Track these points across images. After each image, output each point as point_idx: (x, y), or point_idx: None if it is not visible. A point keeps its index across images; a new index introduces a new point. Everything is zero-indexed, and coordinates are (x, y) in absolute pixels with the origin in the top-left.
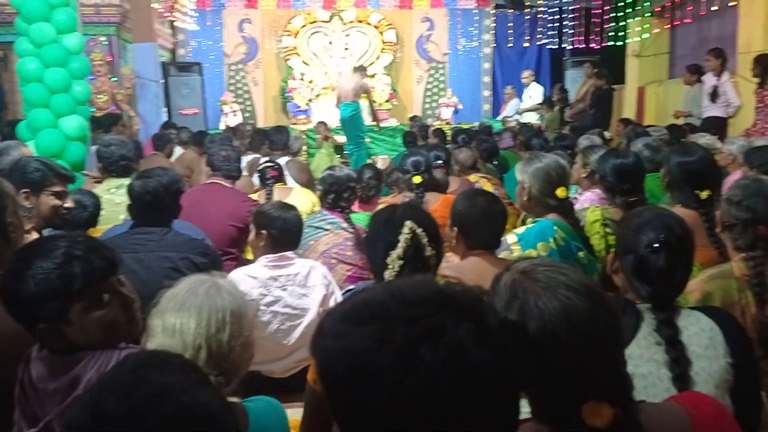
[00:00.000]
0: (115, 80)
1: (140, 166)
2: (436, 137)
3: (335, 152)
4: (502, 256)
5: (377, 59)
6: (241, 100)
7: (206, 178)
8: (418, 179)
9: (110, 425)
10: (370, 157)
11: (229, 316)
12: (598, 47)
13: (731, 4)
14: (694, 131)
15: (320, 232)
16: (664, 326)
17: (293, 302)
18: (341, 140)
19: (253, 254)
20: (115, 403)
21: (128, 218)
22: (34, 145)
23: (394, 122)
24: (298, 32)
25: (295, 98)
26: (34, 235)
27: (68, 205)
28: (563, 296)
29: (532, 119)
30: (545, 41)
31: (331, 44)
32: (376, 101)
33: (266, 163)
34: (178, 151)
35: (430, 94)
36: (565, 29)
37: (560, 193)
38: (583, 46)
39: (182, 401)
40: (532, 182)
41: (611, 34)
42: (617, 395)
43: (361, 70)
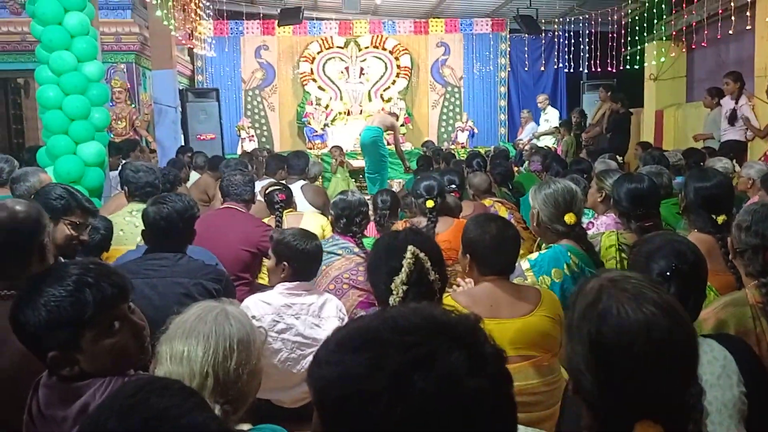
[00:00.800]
0: (134, 106)
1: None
2: (444, 162)
3: (351, 176)
4: (515, 281)
5: (393, 84)
6: (257, 125)
7: (220, 203)
8: (430, 204)
9: None
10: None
11: (236, 344)
12: (614, 71)
13: (747, 27)
14: (712, 155)
15: (332, 256)
16: None
17: (305, 331)
18: (356, 164)
19: (269, 280)
20: (115, 424)
21: (143, 243)
22: (53, 171)
23: (409, 146)
24: (314, 58)
25: (311, 123)
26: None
27: (84, 238)
28: (648, 310)
29: (548, 143)
30: (561, 65)
31: (347, 69)
32: (401, 139)
33: (274, 187)
34: (194, 176)
35: (445, 118)
36: (581, 53)
37: (568, 219)
38: (599, 70)
39: (180, 423)
40: (541, 208)
41: (628, 57)
42: (676, 423)
43: (393, 114)
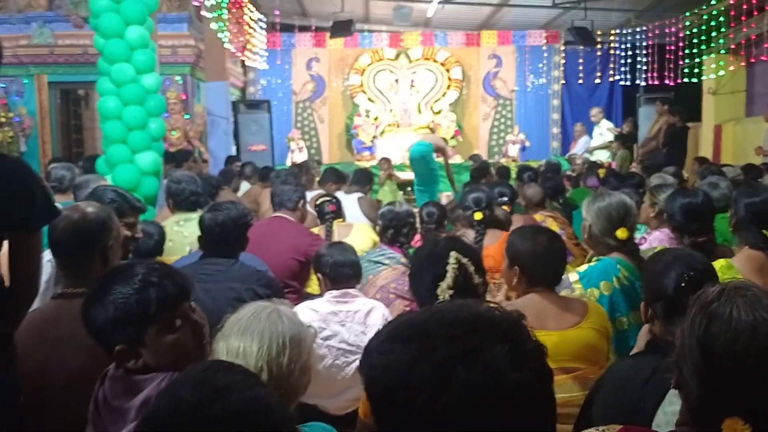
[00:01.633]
0: (188, 117)
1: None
2: (498, 175)
3: (398, 189)
4: (563, 293)
5: (443, 96)
6: (307, 136)
7: (270, 212)
8: (478, 216)
9: (185, 411)
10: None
11: (288, 341)
12: (672, 84)
13: None
14: None
15: (379, 266)
16: None
17: (349, 338)
18: (404, 177)
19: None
20: (189, 393)
21: (194, 250)
22: (111, 178)
23: (458, 159)
24: (364, 70)
25: (359, 135)
26: None
27: (138, 235)
28: (759, 314)
29: (602, 157)
30: (617, 77)
31: (397, 82)
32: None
33: (324, 198)
34: (245, 186)
35: (496, 131)
36: (638, 65)
37: (620, 234)
38: (657, 83)
39: (245, 394)
40: (593, 220)
41: (686, 70)
42: (766, 424)
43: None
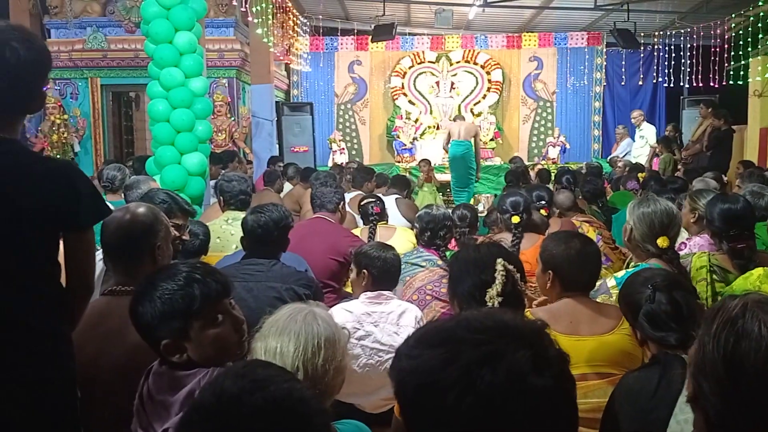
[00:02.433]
0: (233, 119)
1: (252, 200)
2: (538, 178)
3: (438, 191)
4: (600, 299)
5: (483, 98)
6: (348, 138)
7: (311, 212)
8: (516, 219)
9: (227, 400)
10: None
11: (323, 341)
12: (717, 86)
13: None
14: None
15: (416, 268)
16: None
17: (383, 338)
18: (443, 179)
19: (353, 292)
20: (231, 384)
21: (240, 249)
22: (159, 179)
23: (498, 161)
24: (405, 72)
25: (400, 137)
26: None
27: (185, 237)
28: None
29: (643, 160)
30: (660, 79)
31: (437, 84)
32: (482, 141)
33: (369, 199)
34: (287, 187)
35: (536, 132)
36: (682, 67)
37: (661, 242)
38: (701, 84)
39: (283, 387)
40: (635, 225)
41: (731, 72)
42: None
43: (461, 118)
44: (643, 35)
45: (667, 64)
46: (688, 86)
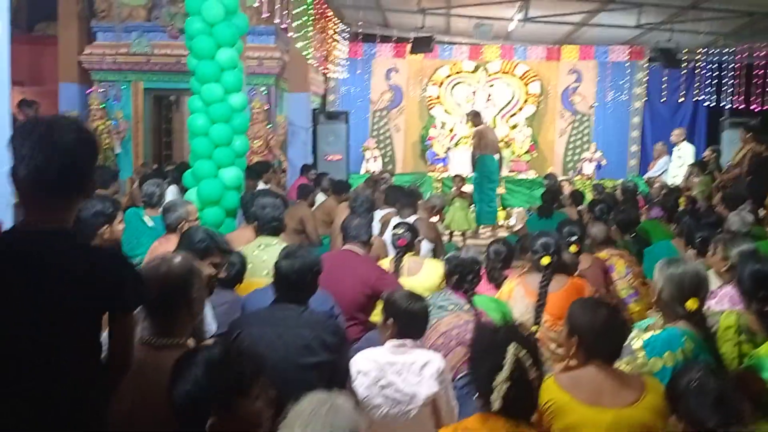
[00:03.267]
0: (270, 127)
1: (285, 215)
2: (572, 200)
3: (468, 206)
4: (625, 360)
5: (519, 110)
6: (382, 146)
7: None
8: (546, 261)
9: None
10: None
11: None
12: (759, 109)
13: None
14: None
15: (443, 312)
16: None
17: (404, 388)
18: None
19: (380, 334)
20: None
21: (269, 275)
22: (196, 191)
23: (532, 174)
24: (442, 82)
25: (434, 146)
26: None
27: (222, 275)
28: None
29: (679, 180)
30: (702, 98)
31: (474, 94)
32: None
33: (397, 230)
34: (320, 197)
35: (572, 147)
36: (724, 87)
37: (690, 304)
38: (743, 106)
39: None
40: (665, 285)
41: None
42: None
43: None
44: (686, 51)
45: (709, 82)
46: (729, 107)
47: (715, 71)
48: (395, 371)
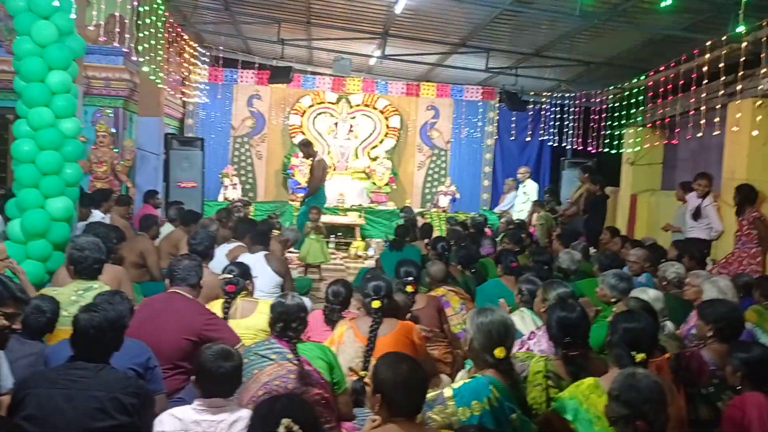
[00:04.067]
0: (116, 151)
1: (123, 248)
2: (420, 233)
3: (324, 238)
4: (437, 409)
5: (380, 143)
6: (243, 172)
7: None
8: (376, 304)
9: None
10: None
11: None
12: (595, 150)
13: (716, 133)
14: (679, 247)
15: (265, 361)
16: None
17: None
18: (338, 221)
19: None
20: None
21: None
22: (19, 223)
23: (392, 205)
24: (305, 111)
25: (295, 175)
26: None
27: (16, 327)
28: None
29: (524, 215)
30: (546, 138)
31: (336, 125)
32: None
33: (226, 276)
34: (168, 228)
35: (430, 180)
36: (565, 128)
37: (498, 353)
38: (581, 147)
39: None
40: (475, 335)
41: (607, 140)
42: None
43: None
44: (532, 94)
45: (552, 123)
46: (570, 147)
47: (557, 113)
48: (201, 431)
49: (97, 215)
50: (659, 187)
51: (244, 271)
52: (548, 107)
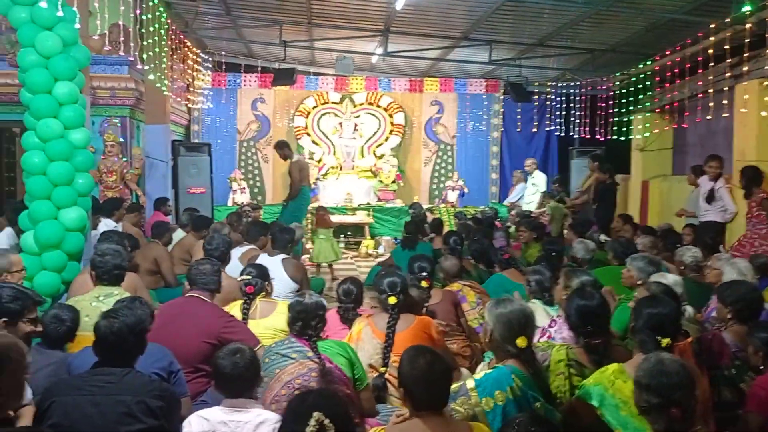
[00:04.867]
0: (125, 160)
1: (137, 256)
2: (431, 229)
3: (333, 236)
4: (460, 401)
5: (386, 140)
6: (250, 176)
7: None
8: (392, 300)
9: None
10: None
11: None
12: (603, 138)
13: (725, 115)
14: (695, 232)
15: (286, 360)
16: None
17: None
18: (346, 220)
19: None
20: None
21: None
22: (33, 234)
23: (399, 203)
24: (309, 112)
25: None
26: None
27: (38, 329)
28: None
29: (533, 207)
30: (553, 128)
31: (341, 125)
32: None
33: (245, 277)
34: (180, 234)
35: (437, 175)
36: (572, 118)
37: (520, 342)
38: (588, 136)
39: None
40: (494, 326)
41: (615, 128)
42: None
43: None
44: (537, 84)
45: (558, 113)
46: (578, 137)
47: (563, 103)
48: (228, 431)
49: (109, 224)
50: (670, 172)
51: (262, 272)
52: (554, 97)
